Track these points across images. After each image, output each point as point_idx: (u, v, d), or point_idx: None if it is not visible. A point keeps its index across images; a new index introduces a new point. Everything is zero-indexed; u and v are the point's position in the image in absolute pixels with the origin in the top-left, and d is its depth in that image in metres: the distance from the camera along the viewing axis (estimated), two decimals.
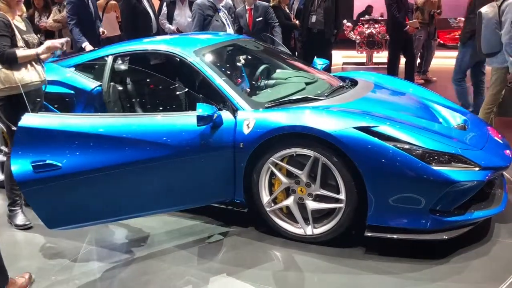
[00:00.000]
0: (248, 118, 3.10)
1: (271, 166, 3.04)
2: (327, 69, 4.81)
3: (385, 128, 2.86)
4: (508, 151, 3.28)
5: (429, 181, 2.73)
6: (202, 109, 2.91)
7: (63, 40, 3.30)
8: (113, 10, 5.90)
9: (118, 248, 3.16)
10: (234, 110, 3.18)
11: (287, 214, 3.14)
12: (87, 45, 5.17)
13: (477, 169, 2.87)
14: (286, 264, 2.90)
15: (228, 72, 3.60)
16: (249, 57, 4.19)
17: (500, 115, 4.49)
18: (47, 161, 2.68)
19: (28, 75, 3.22)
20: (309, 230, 3.05)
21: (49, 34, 6.35)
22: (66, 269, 2.92)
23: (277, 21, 6.17)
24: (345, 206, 2.91)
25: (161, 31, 5.88)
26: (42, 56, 3.28)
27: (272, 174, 3.09)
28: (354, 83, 3.97)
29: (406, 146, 2.79)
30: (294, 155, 3.00)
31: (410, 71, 7.36)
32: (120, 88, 3.75)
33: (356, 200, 2.87)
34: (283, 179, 3.05)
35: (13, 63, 3.14)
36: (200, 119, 2.88)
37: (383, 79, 4.29)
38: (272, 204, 3.13)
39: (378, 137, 2.81)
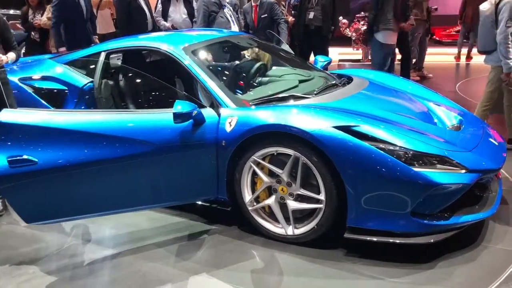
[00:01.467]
0: (231, 115, 3.07)
1: (252, 164, 3.00)
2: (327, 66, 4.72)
3: (366, 128, 2.78)
4: (503, 153, 3.16)
5: (409, 183, 2.64)
6: (181, 106, 2.89)
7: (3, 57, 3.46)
8: (107, 7, 5.89)
9: (99, 243, 3.17)
10: (218, 107, 3.16)
11: (270, 213, 3.10)
12: (64, 50, 5.19)
13: (463, 171, 2.77)
14: (264, 264, 2.86)
15: (217, 69, 3.58)
16: (242, 53, 4.15)
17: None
18: (24, 156, 2.71)
19: None
20: (290, 230, 3.00)
21: (43, 32, 6.34)
22: (46, 263, 2.95)
23: (283, 17, 6.11)
24: (325, 206, 2.85)
25: (156, 29, 5.88)
26: None
27: (255, 173, 3.05)
28: (349, 81, 3.89)
29: (387, 147, 2.71)
30: (275, 154, 2.96)
31: (406, 68, 7.24)
32: (111, 84, 3.77)
33: (336, 201, 2.81)
34: (264, 178, 3.00)
35: None
36: (177, 116, 2.86)
37: (382, 77, 4.19)
38: (254, 203, 3.10)
39: (359, 137, 2.74)
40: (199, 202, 3.34)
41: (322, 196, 2.84)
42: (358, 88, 3.63)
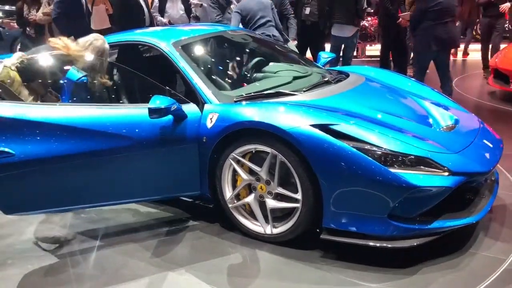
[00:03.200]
0: (213, 111, 3.04)
1: (232, 162, 2.97)
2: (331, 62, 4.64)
3: (345, 127, 2.70)
4: (497, 155, 3.02)
5: (386, 185, 2.56)
6: (159, 101, 2.88)
7: None
8: (102, 3, 5.89)
9: (76, 236, 3.19)
10: (203, 103, 3.14)
11: (250, 211, 3.06)
12: None
13: (446, 174, 2.66)
14: (238, 263, 2.82)
15: (206, 65, 3.55)
16: (235, 49, 4.11)
17: None
18: (0, 149, 2.76)
19: None
20: (268, 229, 2.95)
21: (38, 27, 6.32)
22: (22, 253, 3.01)
23: (292, 12, 6.03)
24: (301, 206, 2.79)
25: (154, 24, 5.88)
26: None
27: (236, 170, 3.02)
28: (345, 78, 3.80)
29: (365, 147, 2.62)
30: (254, 151, 2.91)
31: (403, 63, 7.15)
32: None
33: (313, 201, 2.74)
34: (243, 175, 2.97)
35: None
36: (152, 111, 2.85)
37: (382, 74, 4.07)
38: (235, 201, 3.06)
39: (337, 136, 2.66)
40: (185, 199, 3.34)
41: (299, 196, 2.78)
42: (350, 86, 3.54)
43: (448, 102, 3.68)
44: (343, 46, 6.46)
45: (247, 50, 4.24)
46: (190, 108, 3.10)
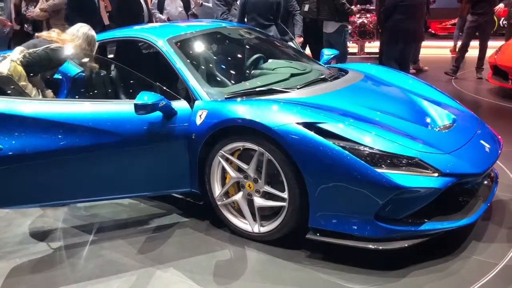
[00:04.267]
0: (202, 108, 3.02)
1: (221, 159, 2.94)
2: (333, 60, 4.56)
3: (331, 125, 2.65)
4: (491, 156, 2.93)
5: (372, 185, 2.50)
6: (146, 97, 2.87)
7: None
8: (101, 0, 5.94)
9: (64, 231, 3.21)
10: (194, 100, 3.12)
11: (239, 209, 3.03)
12: None
13: (435, 175, 2.58)
14: (223, 262, 2.80)
15: (201, 61, 3.53)
16: (232, 45, 4.07)
17: None
18: None
19: None
20: (256, 228, 2.92)
21: (36, 24, 6.33)
22: (10, 246, 3.05)
23: (298, 9, 5.97)
24: (288, 205, 2.75)
25: (153, 21, 5.89)
26: None
27: (225, 168, 2.99)
28: (343, 75, 3.74)
29: (351, 146, 2.57)
30: (241, 149, 2.89)
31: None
32: (103, 75, 3.81)
33: (299, 200, 2.70)
34: (231, 173, 2.94)
35: None
36: (138, 107, 2.84)
37: (382, 72, 3.98)
38: (224, 198, 3.04)
39: (323, 134, 2.61)
40: (175, 195, 3.33)
41: (285, 195, 2.74)
42: (346, 83, 3.48)
43: (448, 101, 3.58)
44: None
45: (246, 47, 4.20)
46: (180, 105, 3.08)
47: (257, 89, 3.25)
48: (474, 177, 2.75)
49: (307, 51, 6.50)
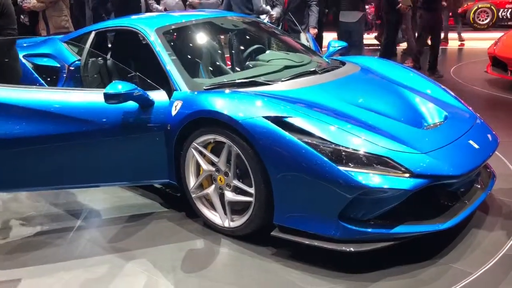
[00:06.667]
0: (178, 99, 2.99)
1: (194, 151, 2.90)
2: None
3: (299, 120, 2.55)
4: (479, 157, 2.74)
5: (334, 183, 2.39)
6: (122, 85, 2.86)
7: None
8: None
9: (40, 218, 3.26)
10: (174, 90, 3.09)
11: (212, 202, 2.98)
12: None
13: (407, 175, 2.44)
14: (188, 255, 2.76)
15: (187, 52, 3.49)
16: (223, 36, 4.00)
17: None
18: None
19: None
20: (226, 222, 2.87)
21: (32, 15, 6.34)
22: None
23: (314, 0, 5.81)
24: (254, 200, 2.67)
25: (150, 12, 5.88)
26: None
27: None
28: (337, 67, 3.60)
29: (316, 141, 2.46)
30: (212, 141, 2.83)
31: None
32: (99, 64, 3.85)
33: (265, 196, 2.62)
34: (204, 166, 2.90)
35: None
36: (108, 96, 2.83)
37: (383, 66, 3.78)
38: (198, 191, 3.00)
39: (289, 129, 2.52)
40: (157, 186, 3.33)
41: (252, 190, 2.67)
42: (335, 76, 3.34)
43: (446, 97, 3.37)
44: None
45: (247, 37, 4.12)
46: (158, 95, 3.06)
47: (237, 81, 3.17)
48: (452, 180, 2.56)
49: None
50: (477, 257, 2.60)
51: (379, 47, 7.66)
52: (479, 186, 2.92)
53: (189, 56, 3.48)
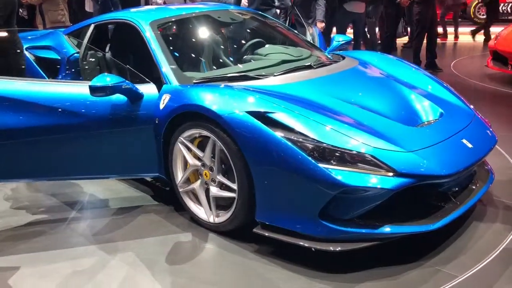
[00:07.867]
0: (167, 92, 2.97)
1: (181, 146, 2.88)
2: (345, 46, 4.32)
3: (282, 116, 2.50)
4: (471, 157, 2.64)
5: (314, 181, 2.33)
6: (110, 78, 2.85)
7: None
8: None
9: (29, 209, 3.30)
10: (164, 84, 3.07)
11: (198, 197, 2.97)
12: None
13: (390, 174, 2.36)
14: (172, 249, 2.74)
15: (181, 46, 3.46)
16: (219, 30, 3.95)
17: None
18: None
19: None
20: (211, 218, 2.84)
21: (30, 8, 6.35)
22: None
23: None
24: (237, 197, 2.64)
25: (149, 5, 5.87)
26: None
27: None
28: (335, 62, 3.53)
29: (296, 138, 2.41)
30: (198, 136, 2.81)
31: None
32: (98, 56, 3.86)
33: (248, 192, 2.58)
34: (189, 160, 2.87)
35: None
36: (93, 89, 2.83)
37: (383, 61, 3.68)
38: (185, 185, 2.98)
39: (272, 124, 2.47)
40: (148, 179, 3.33)
41: (235, 186, 2.64)
42: (329, 72, 3.27)
43: (445, 94, 3.25)
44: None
45: (247, 31, 4.07)
46: (148, 89, 3.05)
47: (228, 75, 3.13)
48: (440, 180, 2.47)
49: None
50: (463, 259, 2.51)
51: (379, 41, 7.72)
52: (474, 186, 2.82)
53: (184, 50, 3.45)
